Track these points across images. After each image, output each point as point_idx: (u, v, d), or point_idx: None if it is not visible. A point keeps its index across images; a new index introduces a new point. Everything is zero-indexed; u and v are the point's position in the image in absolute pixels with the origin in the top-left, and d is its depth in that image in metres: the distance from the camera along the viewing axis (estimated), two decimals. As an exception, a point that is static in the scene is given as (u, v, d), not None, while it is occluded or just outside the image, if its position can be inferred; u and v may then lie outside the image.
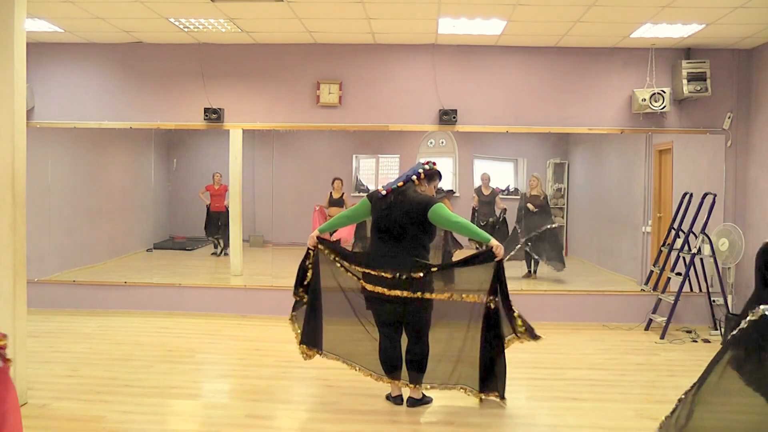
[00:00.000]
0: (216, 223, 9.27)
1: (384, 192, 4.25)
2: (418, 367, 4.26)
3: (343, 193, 8.36)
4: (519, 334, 4.21)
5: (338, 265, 4.37)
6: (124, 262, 8.68)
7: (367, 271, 4.21)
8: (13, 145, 4.12)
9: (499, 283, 4.17)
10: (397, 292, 4.11)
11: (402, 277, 4.10)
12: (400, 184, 4.26)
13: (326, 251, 4.40)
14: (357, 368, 4.47)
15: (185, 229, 9.84)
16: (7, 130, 4.11)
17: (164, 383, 4.73)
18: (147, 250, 8.90)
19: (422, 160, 4.39)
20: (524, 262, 8.10)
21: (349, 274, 4.36)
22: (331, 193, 8.32)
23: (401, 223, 4.15)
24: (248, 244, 8.71)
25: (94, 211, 8.50)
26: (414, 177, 4.27)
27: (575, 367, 5.35)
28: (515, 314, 4.19)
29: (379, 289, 4.16)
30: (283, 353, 5.54)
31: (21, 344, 4.21)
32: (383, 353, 4.29)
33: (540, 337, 4.22)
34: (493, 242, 4.14)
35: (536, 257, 8.05)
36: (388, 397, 4.42)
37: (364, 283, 4.24)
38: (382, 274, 4.13)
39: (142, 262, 8.77)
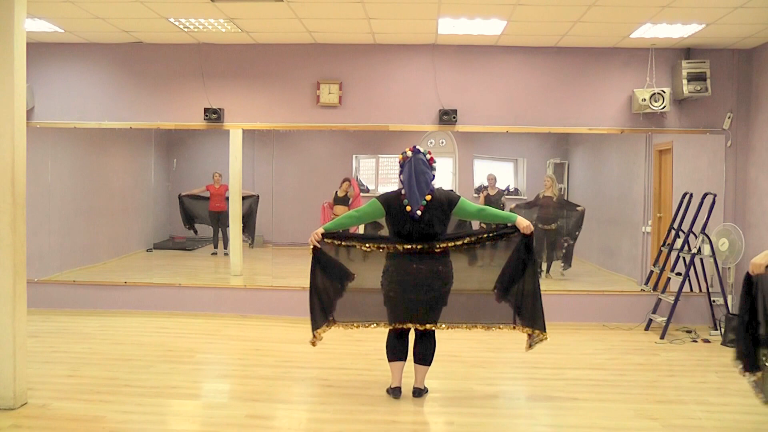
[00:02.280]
0: (216, 223, 9.26)
1: (419, 212, 4.15)
2: (424, 361, 4.37)
3: (347, 192, 8.34)
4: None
5: (357, 247, 4.31)
6: (124, 262, 8.68)
7: (391, 248, 4.21)
8: (13, 145, 4.12)
9: (526, 264, 4.23)
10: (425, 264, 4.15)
11: (432, 247, 4.16)
12: (429, 197, 4.17)
13: (336, 242, 4.33)
14: (374, 324, 4.40)
15: (185, 230, 9.82)
16: (7, 130, 4.11)
17: (164, 383, 4.73)
18: (147, 250, 8.90)
19: (420, 155, 4.27)
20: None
21: (371, 250, 4.28)
22: (336, 192, 8.29)
23: (434, 230, 4.19)
24: (248, 244, 8.71)
25: (94, 211, 8.49)
26: (432, 182, 4.27)
27: (575, 367, 5.34)
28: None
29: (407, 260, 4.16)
30: (283, 353, 5.54)
31: (21, 344, 4.21)
32: (391, 341, 4.37)
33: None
34: (520, 221, 4.19)
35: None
36: (388, 390, 4.46)
37: (395, 247, 4.19)
38: (409, 246, 4.16)
39: (142, 262, 8.77)
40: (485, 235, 4.30)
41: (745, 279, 3.32)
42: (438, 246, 4.18)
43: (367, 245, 4.30)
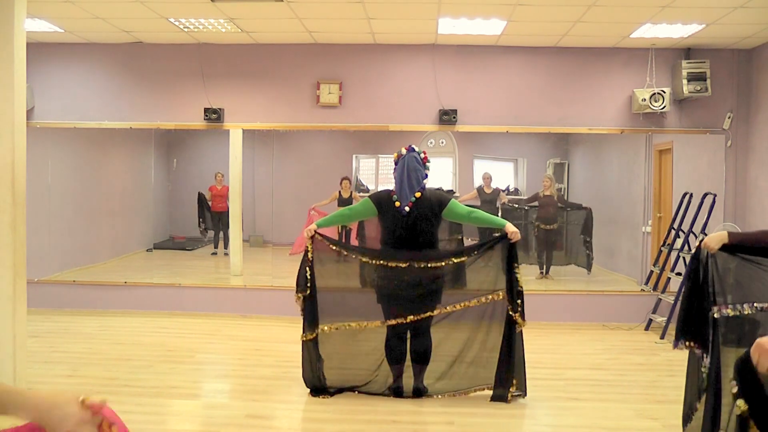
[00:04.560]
0: (218, 223, 9.27)
1: (407, 208, 4.21)
2: (422, 359, 4.39)
3: (351, 192, 8.35)
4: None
5: (345, 253, 4.41)
6: (124, 262, 8.68)
7: (381, 262, 4.26)
8: (13, 145, 4.12)
9: (510, 270, 4.27)
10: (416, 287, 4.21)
11: (420, 266, 4.18)
12: (418, 194, 4.22)
13: (328, 243, 4.42)
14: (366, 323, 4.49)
15: (185, 229, 9.84)
16: (7, 130, 4.11)
17: (164, 383, 4.73)
18: (147, 250, 8.91)
19: (413, 153, 4.34)
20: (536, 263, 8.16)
21: (359, 260, 4.38)
22: (340, 192, 8.31)
23: (422, 227, 4.24)
24: (248, 244, 8.72)
25: (94, 211, 8.50)
26: (424, 181, 4.31)
27: (575, 367, 5.34)
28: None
29: (394, 281, 4.22)
30: (283, 353, 5.54)
31: (21, 344, 4.21)
32: (390, 346, 4.38)
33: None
34: (508, 226, 4.24)
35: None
36: (390, 388, 4.46)
37: (380, 263, 4.25)
38: (399, 264, 4.20)
39: (142, 262, 8.77)
40: (474, 253, 4.36)
41: (697, 255, 3.26)
42: (427, 264, 4.21)
43: (354, 255, 4.39)
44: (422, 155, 4.35)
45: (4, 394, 1.29)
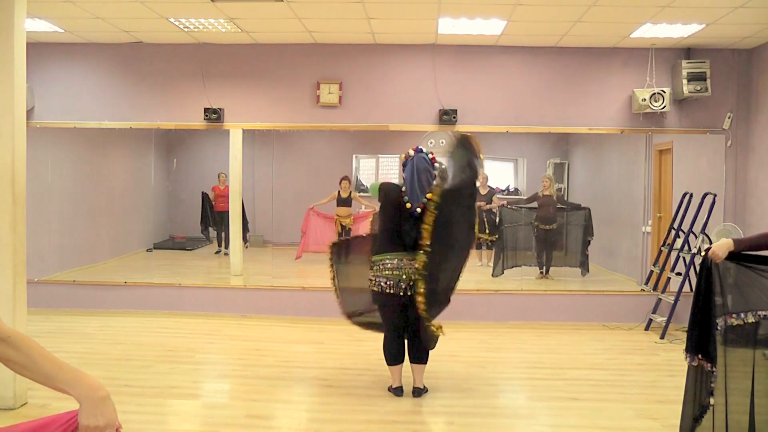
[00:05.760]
0: (220, 223, 9.27)
1: (419, 210, 4.17)
2: (421, 359, 4.40)
3: (350, 192, 8.37)
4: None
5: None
6: (124, 262, 8.68)
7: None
8: (13, 145, 4.12)
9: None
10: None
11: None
12: (431, 195, 4.17)
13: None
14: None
15: (185, 229, 9.85)
16: (7, 130, 4.11)
17: (164, 383, 4.73)
18: (147, 250, 8.92)
19: (422, 154, 4.35)
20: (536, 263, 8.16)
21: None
22: (339, 191, 8.32)
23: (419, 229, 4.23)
24: (248, 244, 8.72)
25: (94, 211, 8.49)
26: (434, 183, 4.29)
27: (575, 367, 5.34)
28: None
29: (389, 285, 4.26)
30: (283, 353, 5.54)
31: (21, 344, 4.20)
32: (388, 345, 4.40)
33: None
34: None
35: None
36: (390, 389, 4.47)
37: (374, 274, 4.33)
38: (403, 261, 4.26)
39: (142, 262, 8.78)
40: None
41: (705, 265, 3.21)
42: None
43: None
44: (430, 156, 4.36)
45: (63, 370, 1.46)
